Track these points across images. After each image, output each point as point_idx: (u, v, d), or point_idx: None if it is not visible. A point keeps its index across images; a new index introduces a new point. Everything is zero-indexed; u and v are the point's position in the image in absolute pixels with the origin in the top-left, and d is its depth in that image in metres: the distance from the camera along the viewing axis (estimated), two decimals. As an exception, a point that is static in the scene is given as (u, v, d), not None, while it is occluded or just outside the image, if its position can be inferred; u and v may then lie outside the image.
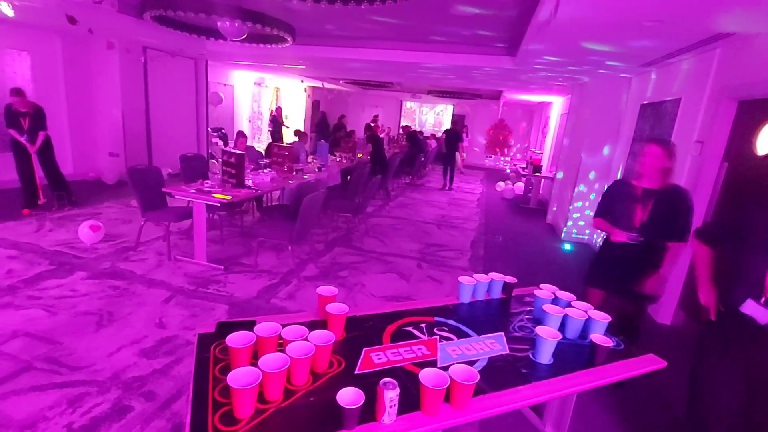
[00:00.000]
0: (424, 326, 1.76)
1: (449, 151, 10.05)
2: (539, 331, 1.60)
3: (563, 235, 6.18)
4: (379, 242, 5.25)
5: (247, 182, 4.32)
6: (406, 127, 13.75)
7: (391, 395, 1.16)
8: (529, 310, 2.01)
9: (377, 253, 4.85)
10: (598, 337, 1.64)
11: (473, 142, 15.14)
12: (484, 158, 15.12)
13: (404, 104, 16.90)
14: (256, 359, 1.25)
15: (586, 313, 1.79)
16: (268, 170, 5.17)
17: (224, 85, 10.51)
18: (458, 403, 1.27)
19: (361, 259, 4.61)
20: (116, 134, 7.33)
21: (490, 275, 2.13)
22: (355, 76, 10.16)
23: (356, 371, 1.41)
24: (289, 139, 10.93)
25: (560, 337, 1.60)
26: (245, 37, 4.68)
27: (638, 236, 2.35)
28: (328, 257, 4.56)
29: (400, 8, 4.17)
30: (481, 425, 2.19)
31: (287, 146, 5.76)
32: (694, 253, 1.97)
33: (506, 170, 12.57)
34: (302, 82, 12.95)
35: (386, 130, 13.71)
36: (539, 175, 8.32)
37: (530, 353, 1.63)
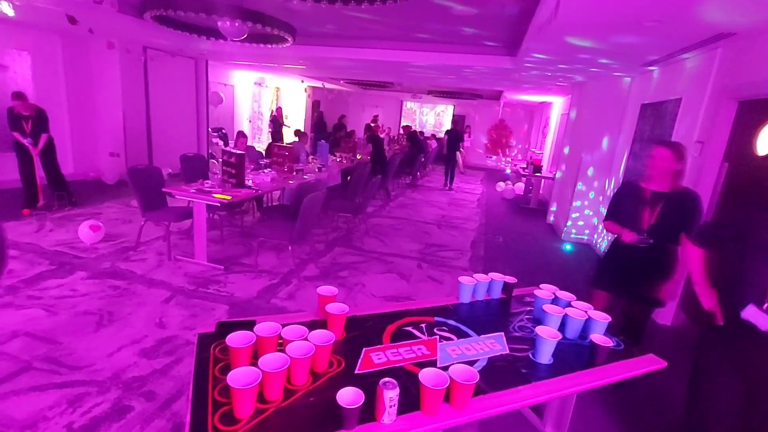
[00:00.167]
0: (424, 326, 1.76)
1: (450, 151, 10.13)
2: (539, 331, 1.60)
3: (563, 235, 6.18)
4: (379, 242, 5.25)
5: (247, 182, 4.32)
6: (406, 127, 13.74)
7: (390, 395, 1.16)
8: (529, 310, 2.01)
9: (377, 253, 4.85)
10: (598, 337, 1.64)
11: (476, 142, 15.10)
12: (485, 158, 15.09)
13: (404, 104, 16.89)
14: (256, 359, 1.25)
15: (586, 313, 1.79)
16: (268, 170, 5.17)
17: (224, 85, 10.52)
18: (458, 403, 1.27)
19: (361, 259, 4.61)
20: (117, 134, 7.34)
21: (490, 275, 2.13)
22: (355, 76, 10.17)
23: (356, 371, 1.41)
24: (289, 139, 10.94)
25: (560, 337, 1.60)
26: (245, 36, 4.68)
27: (647, 238, 2.33)
28: (328, 257, 4.56)
29: (399, 8, 4.17)
30: (481, 425, 2.19)
31: (287, 146, 5.76)
32: (687, 255, 1.94)
33: (506, 170, 12.56)
34: (302, 82, 12.95)
35: (386, 130, 13.71)
36: (539, 175, 8.32)
37: (530, 353, 1.62)
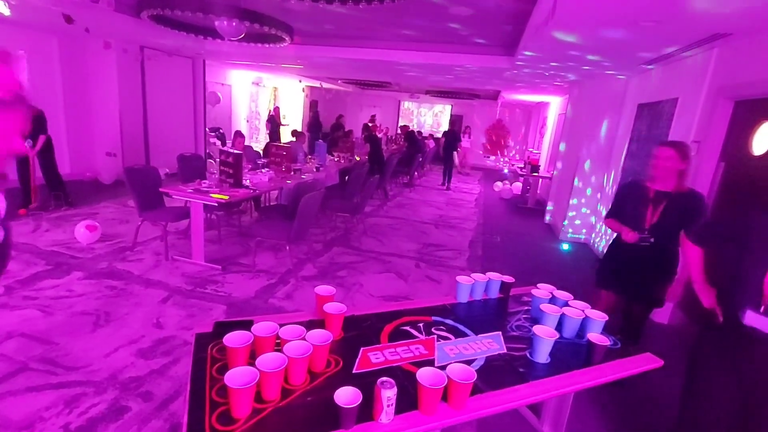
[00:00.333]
0: (421, 326, 1.76)
1: (447, 151, 10.21)
2: (536, 330, 1.60)
3: (561, 234, 6.20)
4: (377, 242, 5.25)
5: (244, 182, 4.31)
6: (404, 127, 13.75)
7: (388, 394, 1.16)
8: (526, 309, 2.02)
9: (375, 253, 4.85)
10: (595, 336, 1.65)
11: (476, 143, 15.01)
12: (483, 158, 15.08)
13: (402, 104, 16.90)
14: (253, 359, 1.25)
15: (583, 312, 1.79)
16: (266, 170, 5.16)
17: (222, 84, 10.50)
18: (456, 402, 1.27)
19: (359, 259, 4.61)
20: (113, 134, 7.31)
21: (487, 275, 2.13)
22: (352, 75, 10.17)
23: (354, 371, 1.41)
24: (286, 139, 10.93)
25: (557, 336, 1.61)
26: (243, 36, 4.68)
27: (648, 237, 2.32)
28: (326, 257, 4.56)
29: (397, 8, 4.17)
30: (478, 424, 2.20)
31: (285, 146, 5.75)
32: (686, 253, 1.94)
33: (504, 170, 12.59)
34: (300, 81, 12.94)
35: (384, 130, 13.71)
36: (537, 175, 8.33)
37: (527, 352, 1.63)
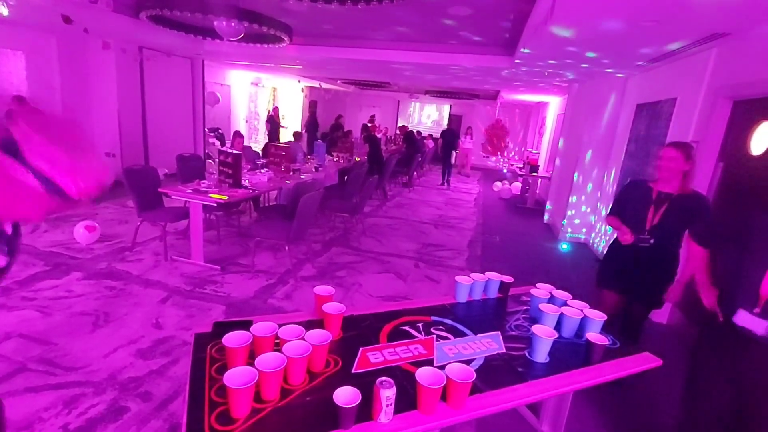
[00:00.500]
0: (420, 325, 1.76)
1: (446, 151, 10.25)
2: (535, 329, 1.60)
3: (560, 234, 6.20)
4: (376, 242, 5.25)
5: (244, 182, 4.31)
6: (403, 127, 13.74)
7: (387, 394, 1.16)
8: (525, 309, 2.02)
9: (374, 253, 4.85)
10: (593, 335, 1.65)
11: (476, 143, 14.93)
12: (482, 158, 15.06)
13: (401, 104, 16.89)
14: (252, 359, 1.25)
15: (581, 311, 1.80)
16: (265, 170, 5.16)
17: (221, 85, 10.49)
18: (455, 401, 1.27)
19: (358, 259, 4.61)
20: (112, 134, 7.30)
21: (486, 275, 2.13)
22: (351, 75, 10.17)
23: (353, 370, 1.41)
24: (285, 139, 10.93)
25: (556, 335, 1.61)
26: (242, 36, 4.68)
27: (648, 238, 2.31)
28: (325, 257, 4.56)
29: (396, 8, 4.17)
30: (478, 424, 2.20)
31: (284, 146, 5.75)
32: (690, 253, 1.94)
33: (503, 170, 12.59)
34: (299, 82, 12.94)
35: (383, 130, 13.71)
36: (536, 175, 8.34)
37: (526, 352, 1.63)
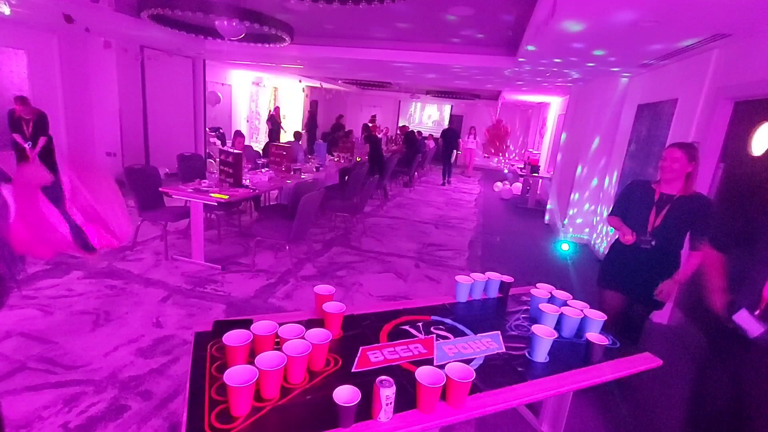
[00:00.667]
0: (420, 325, 1.76)
1: (447, 150, 10.31)
2: (535, 329, 1.60)
3: (560, 234, 6.20)
4: (376, 242, 5.25)
5: (244, 182, 4.31)
6: (403, 127, 13.75)
7: (387, 393, 1.16)
8: (525, 309, 2.02)
9: (375, 252, 4.85)
10: (593, 335, 1.65)
11: (480, 144, 14.88)
12: (483, 159, 15.05)
13: (402, 104, 16.89)
14: (252, 358, 1.26)
15: (581, 311, 1.80)
16: (265, 170, 5.17)
17: (222, 84, 10.50)
18: (454, 401, 1.27)
19: (358, 258, 4.61)
20: (113, 133, 7.31)
21: (486, 274, 2.13)
22: (352, 75, 10.17)
23: (353, 369, 1.41)
24: (285, 139, 10.95)
25: (556, 335, 1.61)
26: (243, 36, 4.68)
27: (650, 240, 2.30)
28: (325, 257, 4.56)
29: (397, 8, 4.17)
30: (477, 424, 2.20)
31: (285, 146, 5.76)
32: (706, 260, 1.89)
33: (504, 171, 12.59)
34: (300, 81, 12.94)
35: (384, 130, 13.71)
36: (537, 175, 8.34)
37: (526, 352, 1.63)
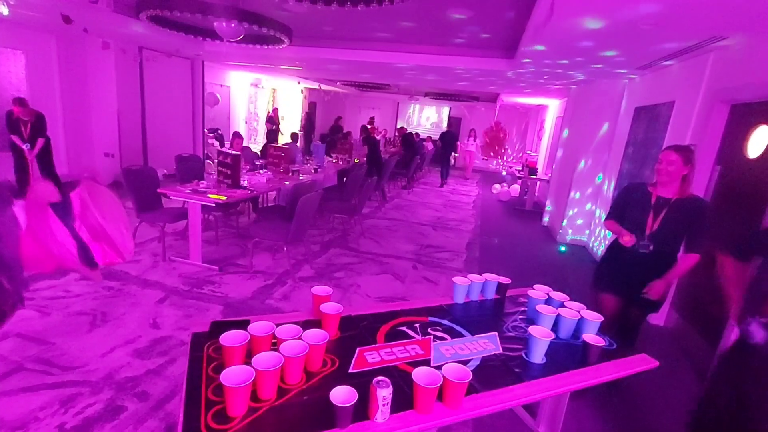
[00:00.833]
0: (418, 326, 1.77)
1: (445, 152, 10.35)
2: (532, 330, 1.61)
3: (558, 237, 6.21)
4: (374, 243, 5.26)
5: (242, 183, 4.31)
6: (401, 129, 13.76)
7: (384, 394, 1.16)
8: (522, 310, 2.02)
9: (373, 254, 4.85)
10: (590, 336, 1.66)
11: (479, 147, 14.83)
12: (482, 161, 15.05)
13: (400, 106, 16.91)
14: (249, 358, 1.25)
15: (578, 313, 1.80)
16: (264, 171, 5.17)
17: (221, 85, 10.49)
18: (451, 401, 1.27)
19: (356, 260, 4.61)
20: (111, 134, 7.30)
21: (484, 276, 2.13)
22: (351, 77, 10.18)
23: (350, 370, 1.41)
24: (283, 141, 10.96)
25: (553, 336, 1.61)
26: (242, 37, 4.68)
27: (648, 244, 2.30)
28: (323, 258, 4.56)
29: (396, 10, 4.19)
30: (474, 425, 2.20)
31: (283, 147, 5.76)
32: (724, 268, 1.88)
33: (502, 173, 12.61)
34: (299, 83, 12.94)
35: (382, 131, 13.72)
36: (535, 177, 8.36)
37: (523, 353, 1.63)
